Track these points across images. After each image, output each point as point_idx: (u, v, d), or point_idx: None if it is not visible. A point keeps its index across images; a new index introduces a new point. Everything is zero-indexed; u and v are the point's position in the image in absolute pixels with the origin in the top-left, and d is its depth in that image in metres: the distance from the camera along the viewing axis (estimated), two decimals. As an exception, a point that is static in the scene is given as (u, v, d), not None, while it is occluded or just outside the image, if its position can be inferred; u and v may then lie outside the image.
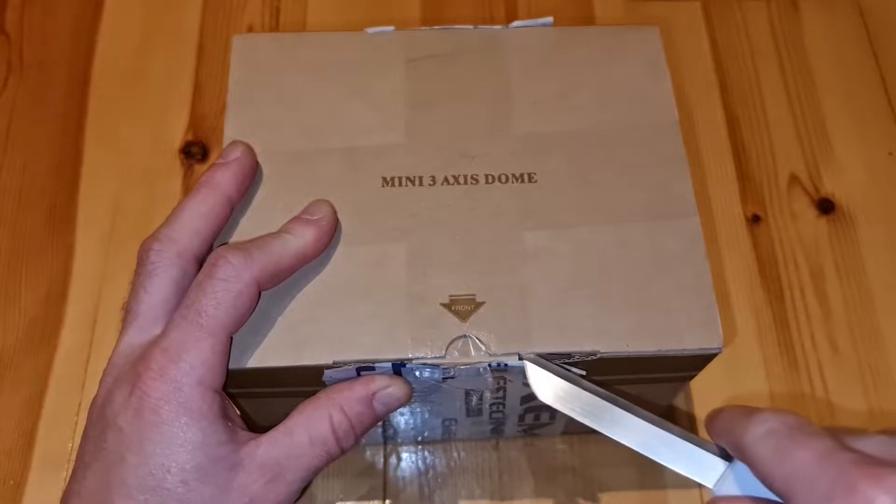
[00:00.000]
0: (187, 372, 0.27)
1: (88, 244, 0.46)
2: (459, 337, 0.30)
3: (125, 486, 0.26)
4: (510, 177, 0.33)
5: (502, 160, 0.33)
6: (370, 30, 0.36)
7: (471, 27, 0.36)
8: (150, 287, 0.29)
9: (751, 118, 0.51)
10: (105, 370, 0.29)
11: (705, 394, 0.43)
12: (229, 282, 0.28)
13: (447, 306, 0.30)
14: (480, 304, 0.30)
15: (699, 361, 0.31)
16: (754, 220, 0.48)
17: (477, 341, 0.30)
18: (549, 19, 0.36)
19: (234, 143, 0.32)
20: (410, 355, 0.30)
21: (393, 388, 0.30)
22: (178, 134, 0.50)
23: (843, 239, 0.48)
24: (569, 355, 0.30)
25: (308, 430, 0.28)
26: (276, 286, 0.30)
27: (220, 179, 0.30)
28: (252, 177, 0.32)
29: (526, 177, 0.33)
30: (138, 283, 0.29)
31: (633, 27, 0.37)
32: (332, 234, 0.31)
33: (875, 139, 0.50)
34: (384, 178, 0.33)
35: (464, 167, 0.33)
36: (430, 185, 0.33)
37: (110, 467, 0.27)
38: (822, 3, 0.55)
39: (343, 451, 0.29)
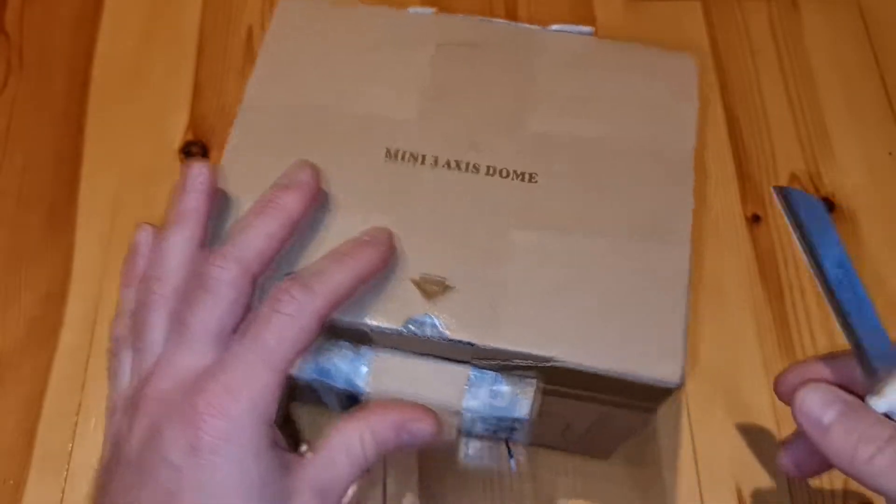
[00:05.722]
0: (249, 410, 0.26)
1: (88, 244, 0.46)
2: (420, 315, 0.30)
3: None
4: (512, 173, 0.33)
5: (508, 156, 0.33)
6: (412, 9, 0.37)
7: (509, 23, 0.36)
8: (211, 305, 0.28)
9: (751, 118, 0.51)
10: (148, 387, 0.28)
11: (705, 395, 0.43)
12: (294, 317, 0.27)
13: (416, 283, 0.31)
14: (450, 288, 0.31)
15: (656, 393, 0.30)
16: (754, 220, 0.48)
17: (436, 322, 0.30)
18: (590, 29, 0.36)
19: (301, 163, 0.31)
20: (368, 321, 0.30)
21: (424, 422, 0.30)
22: (177, 133, 0.50)
23: (843, 238, 0.47)
24: (524, 356, 0.30)
25: (346, 450, 0.28)
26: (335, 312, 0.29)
27: (287, 202, 0.30)
28: (316, 199, 0.31)
29: (527, 176, 0.33)
30: (198, 298, 0.28)
31: (671, 52, 0.36)
32: (389, 258, 0.30)
33: (875, 139, 0.50)
34: (388, 150, 0.33)
35: (468, 155, 0.33)
36: (431, 165, 0.33)
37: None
38: (822, 3, 0.55)
39: (369, 468, 0.29)
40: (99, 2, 0.54)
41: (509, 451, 0.41)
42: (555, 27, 0.36)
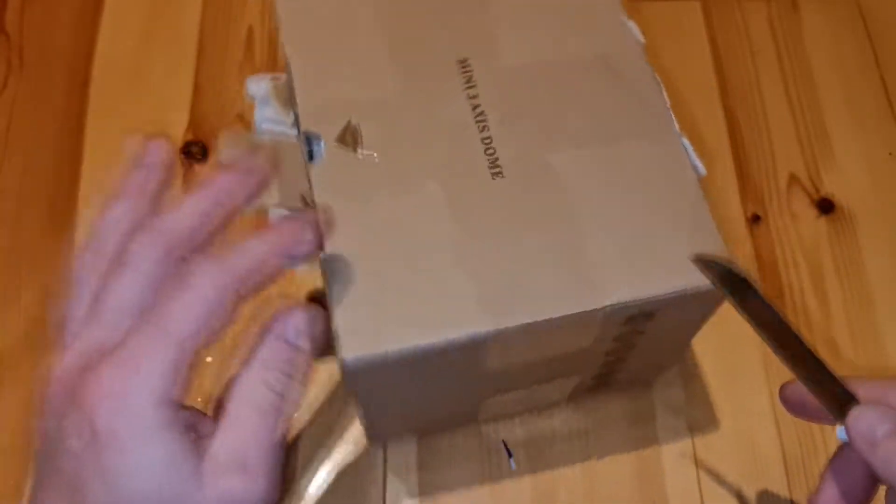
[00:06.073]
0: (142, 389, 0.24)
1: (88, 244, 0.46)
2: (321, 137, 0.33)
3: None
4: (493, 158, 0.33)
5: (511, 147, 0.33)
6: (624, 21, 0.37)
7: (656, 86, 0.35)
8: (126, 280, 0.26)
9: (751, 118, 0.51)
10: (57, 367, 0.26)
11: (704, 395, 0.43)
12: (201, 291, 0.25)
13: (349, 124, 0.33)
14: (369, 155, 0.33)
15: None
16: (754, 220, 0.48)
17: (321, 150, 0.32)
18: (704, 170, 0.34)
19: (255, 147, 0.31)
20: (298, 97, 0.33)
21: (299, 313, 0.28)
22: (178, 134, 0.50)
23: (842, 239, 0.48)
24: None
25: (252, 405, 0.26)
26: (257, 293, 0.27)
27: (226, 183, 0.28)
28: (262, 183, 0.29)
29: (498, 170, 0.33)
30: (115, 272, 0.26)
31: (726, 259, 0.32)
32: (320, 235, 0.29)
33: (875, 139, 0.50)
34: (462, 61, 0.35)
35: (494, 120, 0.34)
36: (468, 97, 0.34)
37: (73, 494, 0.25)
38: (822, 3, 0.55)
39: (294, 404, 0.28)
40: (99, 2, 0.54)
41: (508, 452, 0.41)
42: (686, 141, 0.34)
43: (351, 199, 0.32)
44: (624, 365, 0.38)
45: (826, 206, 0.48)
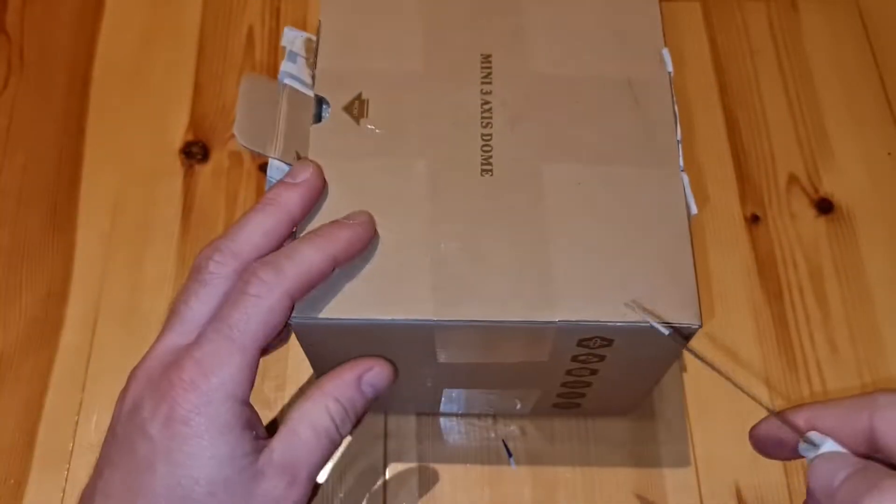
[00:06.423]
0: (218, 387, 0.27)
1: (89, 244, 0.46)
2: (330, 107, 0.34)
3: (153, 494, 0.27)
4: (487, 154, 0.33)
5: (509, 145, 0.33)
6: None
7: (671, 119, 0.34)
8: (203, 296, 0.29)
9: (750, 118, 0.51)
10: (139, 367, 0.29)
11: (704, 395, 0.43)
12: (260, 297, 0.28)
13: (360, 95, 0.34)
14: (370, 128, 0.33)
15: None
16: (753, 220, 0.48)
17: (328, 110, 0.34)
18: (695, 209, 0.33)
19: (303, 162, 0.32)
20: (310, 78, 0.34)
21: (377, 369, 0.31)
22: (178, 134, 0.50)
23: (842, 239, 0.48)
24: None
25: (311, 425, 0.29)
26: (308, 293, 0.30)
27: (287, 199, 0.31)
28: (318, 198, 0.32)
29: (488, 167, 0.33)
30: (192, 289, 0.29)
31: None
32: (367, 240, 0.31)
33: (874, 139, 0.51)
34: (486, 56, 0.35)
35: (500, 121, 0.34)
36: (481, 93, 0.34)
37: (139, 473, 0.27)
38: (821, 4, 0.55)
39: (342, 437, 0.30)
40: (99, 2, 0.54)
41: (508, 452, 0.41)
42: (686, 180, 0.33)
43: (339, 163, 0.32)
44: (589, 389, 0.37)
45: (825, 206, 0.48)
